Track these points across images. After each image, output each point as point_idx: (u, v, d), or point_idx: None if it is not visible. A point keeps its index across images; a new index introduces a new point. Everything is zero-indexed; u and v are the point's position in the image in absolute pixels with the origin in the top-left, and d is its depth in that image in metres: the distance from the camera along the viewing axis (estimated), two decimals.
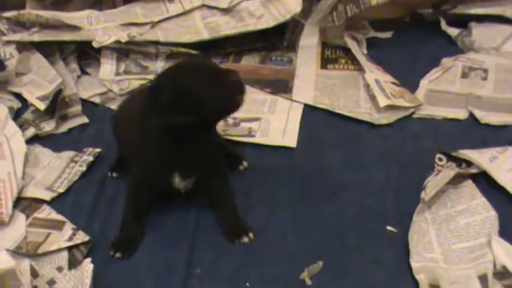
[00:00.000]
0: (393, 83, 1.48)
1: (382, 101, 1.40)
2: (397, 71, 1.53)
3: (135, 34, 1.52)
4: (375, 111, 1.42)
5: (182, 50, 1.53)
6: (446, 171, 1.21)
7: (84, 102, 1.47)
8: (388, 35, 1.69)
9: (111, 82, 1.50)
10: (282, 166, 1.28)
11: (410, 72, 1.53)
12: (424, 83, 1.50)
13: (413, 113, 1.42)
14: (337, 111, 1.42)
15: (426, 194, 1.15)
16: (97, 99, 1.48)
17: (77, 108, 1.45)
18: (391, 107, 1.41)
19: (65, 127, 1.40)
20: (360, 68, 1.51)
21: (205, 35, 1.54)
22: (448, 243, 1.11)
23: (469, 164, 1.25)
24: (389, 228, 1.15)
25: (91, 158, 1.29)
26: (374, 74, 1.49)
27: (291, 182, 1.25)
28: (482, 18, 1.66)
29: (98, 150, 1.31)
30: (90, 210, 1.20)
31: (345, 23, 1.59)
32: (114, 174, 1.27)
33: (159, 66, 1.54)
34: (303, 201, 1.21)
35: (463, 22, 1.68)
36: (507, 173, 1.22)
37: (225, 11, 1.59)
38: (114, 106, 1.45)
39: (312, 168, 1.28)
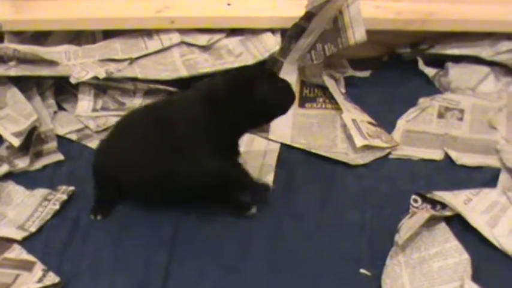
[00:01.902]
0: (370, 123, 1.49)
1: (359, 141, 1.41)
2: (374, 110, 1.53)
3: (113, 70, 1.52)
4: (351, 151, 1.42)
5: (160, 86, 1.53)
6: (420, 213, 1.21)
7: (60, 138, 1.46)
8: (366, 74, 1.70)
9: (87, 118, 1.49)
10: (257, 206, 1.27)
11: (388, 111, 1.54)
12: (401, 123, 1.50)
13: (389, 153, 1.42)
14: (313, 151, 1.42)
15: (400, 238, 1.15)
16: (73, 136, 1.47)
17: (53, 144, 1.44)
18: (367, 147, 1.42)
19: (39, 164, 1.39)
20: (337, 107, 1.52)
21: (183, 72, 1.55)
22: (421, 287, 1.10)
23: (444, 205, 1.25)
24: (362, 271, 1.15)
25: (65, 197, 1.28)
26: (351, 113, 1.50)
27: (266, 222, 1.25)
28: (459, 59, 1.68)
29: (71, 188, 1.30)
30: (61, 250, 1.19)
31: (324, 61, 1.60)
32: (99, 217, 1.25)
33: (137, 102, 1.53)
34: (277, 241, 1.21)
35: (440, 62, 1.69)
36: (480, 215, 1.23)
37: (204, 48, 1.59)
38: (90, 143, 1.45)
39: (287, 208, 1.28)
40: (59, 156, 1.42)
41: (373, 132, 1.46)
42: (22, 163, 1.37)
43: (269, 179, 1.34)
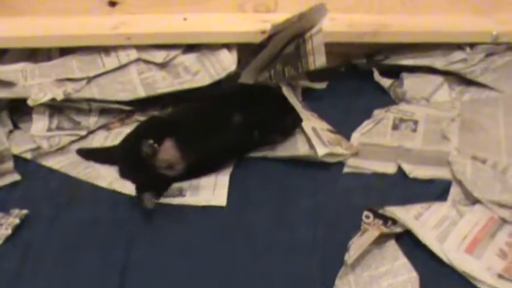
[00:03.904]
0: (329, 130, 1.51)
1: (321, 150, 1.42)
2: (331, 121, 1.55)
3: (70, 91, 1.51)
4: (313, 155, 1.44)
5: (115, 106, 1.54)
6: (371, 231, 1.23)
7: (16, 157, 1.46)
8: (323, 85, 1.72)
9: (41, 138, 1.48)
10: (210, 226, 1.28)
11: (345, 123, 1.55)
12: (356, 136, 1.52)
13: (343, 166, 1.44)
14: (277, 154, 1.45)
15: (349, 257, 1.16)
16: (28, 155, 1.47)
17: (9, 164, 1.43)
18: (328, 156, 1.43)
19: None
20: None
21: (141, 93, 1.55)
22: None
23: (395, 221, 1.27)
24: None
25: (17, 221, 1.28)
26: (311, 121, 1.51)
27: (218, 242, 1.26)
28: (413, 69, 1.70)
29: (24, 212, 1.30)
30: (13, 276, 1.19)
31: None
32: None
33: (92, 121, 1.54)
34: (229, 263, 1.22)
35: (395, 73, 1.71)
36: (431, 230, 1.25)
37: (161, 65, 1.59)
38: (45, 162, 1.45)
39: (239, 227, 1.28)
40: (16, 177, 1.41)
41: (333, 139, 1.47)
42: None
43: (223, 197, 1.35)
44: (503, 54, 1.70)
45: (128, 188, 1.37)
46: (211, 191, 1.37)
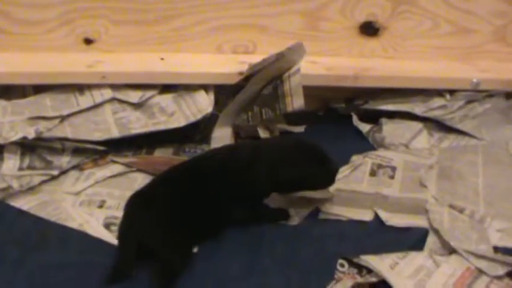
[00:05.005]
0: None
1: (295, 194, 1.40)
2: None
3: (42, 130, 1.49)
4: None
5: (89, 146, 1.51)
6: (344, 280, 1.20)
7: None
8: (301, 129, 1.70)
9: (11, 177, 1.45)
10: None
11: None
12: None
13: (319, 212, 1.41)
14: None
15: None
16: None
17: None
18: (301, 200, 1.42)
19: None
20: None
21: (115, 133, 1.53)
22: None
23: (371, 270, 1.24)
24: None
25: None
26: None
27: None
28: (393, 115, 1.69)
29: None
30: None
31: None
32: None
33: (65, 161, 1.51)
34: None
35: (375, 118, 1.70)
36: (406, 280, 1.22)
37: (136, 105, 1.57)
38: (14, 202, 1.41)
39: (210, 275, 1.24)
40: None
41: None
42: None
43: None
44: (483, 102, 1.70)
45: (99, 231, 1.33)
46: None
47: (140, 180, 1.49)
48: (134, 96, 1.57)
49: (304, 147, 1.35)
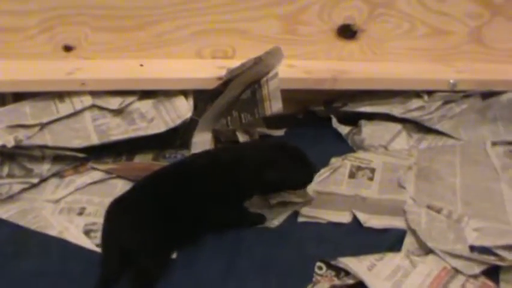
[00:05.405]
0: None
1: (273, 199, 1.42)
2: None
3: (22, 138, 1.49)
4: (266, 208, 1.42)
5: (69, 153, 1.51)
6: (322, 283, 1.21)
7: None
8: (281, 132, 1.71)
9: None
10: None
11: None
12: (311, 184, 1.50)
13: (297, 215, 1.42)
14: None
15: None
16: None
17: None
18: (280, 204, 1.42)
19: None
20: None
21: (94, 140, 1.53)
22: None
23: (348, 272, 1.25)
24: None
25: None
26: None
27: None
28: (372, 116, 1.70)
29: None
30: None
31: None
32: None
33: (45, 168, 1.51)
34: None
35: (354, 120, 1.71)
36: (383, 282, 1.23)
37: (116, 112, 1.57)
38: None
39: (188, 279, 1.25)
40: None
41: None
42: None
43: None
44: (460, 102, 1.71)
45: (79, 238, 1.34)
46: None
47: (120, 186, 1.50)
48: (114, 102, 1.58)
49: (286, 148, 1.37)
